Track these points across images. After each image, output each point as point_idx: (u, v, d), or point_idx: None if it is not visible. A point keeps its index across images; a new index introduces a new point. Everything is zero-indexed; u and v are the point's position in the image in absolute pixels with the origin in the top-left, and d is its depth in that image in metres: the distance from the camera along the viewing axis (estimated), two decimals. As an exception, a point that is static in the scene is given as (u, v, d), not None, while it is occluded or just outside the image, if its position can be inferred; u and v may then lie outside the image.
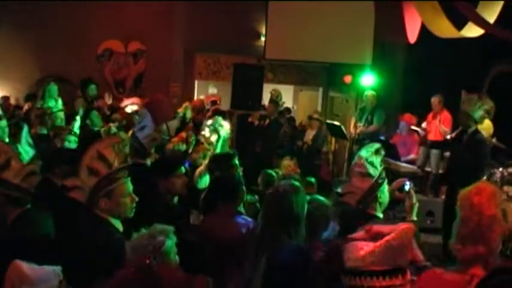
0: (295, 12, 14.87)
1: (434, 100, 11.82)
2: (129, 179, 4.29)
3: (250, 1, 15.62)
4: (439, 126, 11.54)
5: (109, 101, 12.83)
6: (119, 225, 4.21)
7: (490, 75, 8.30)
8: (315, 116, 13.28)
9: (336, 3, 14.36)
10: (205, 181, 6.60)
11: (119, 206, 4.20)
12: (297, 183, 4.41)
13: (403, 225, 2.91)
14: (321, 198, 5.06)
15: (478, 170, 8.09)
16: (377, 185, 4.49)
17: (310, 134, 12.81)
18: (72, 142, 7.70)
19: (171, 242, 3.63)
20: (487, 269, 3.07)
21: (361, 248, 2.86)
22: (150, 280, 3.34)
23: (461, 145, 8.27)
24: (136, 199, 4.30)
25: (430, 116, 11.94)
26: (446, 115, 11.72)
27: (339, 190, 5.05)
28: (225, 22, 15.46)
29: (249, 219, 5.09)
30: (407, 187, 4.57)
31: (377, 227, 3.30)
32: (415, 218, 4.38)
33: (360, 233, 3.35)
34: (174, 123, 10.48)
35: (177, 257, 3.71)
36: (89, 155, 4.14)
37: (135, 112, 10.32)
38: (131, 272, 3.43)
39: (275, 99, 11.96)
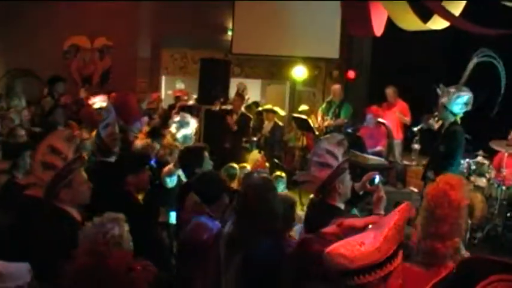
0: (262, 6, 14.83)
1: (389, 91, 11.97)
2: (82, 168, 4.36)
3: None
4: (398, 115, 11.62)
5: (84, 95, 12.72)
6: (77, 215, 4.22)
7: (469, 67, 8.26)
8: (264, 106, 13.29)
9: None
10: (172, 181, 6.60)
11: (79, 194, 4.26)
12: (269, 177, 4.41)
13: (402, 206, 2.86)
14: (288, 193, 5.04)
15: (452, 161, 8.14)
16: (335, 175, 4.48)
17: (268, 126, 12.78)
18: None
19: (121, 230, 3.59)
20: (457, 257, 3.17)
21: (359, 244, 2.71)
22: (100, 268, 3.21)
23: (440, 137, 8.25)
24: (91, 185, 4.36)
25: (384, 106, 12.06)
26: (403, 105, 11.85)
27: (297, 178, 5.03)
28: (191, 17, 15.38)
29: (216, 221, 4.98)
30: (376, 180, 4.58)
31: (348, 221, 3.33)
32: (382, 212, 4.35)
33: (331, 228, 3.37)
34: (146, 120, 10.41)
35: (131, 245, 3.66)
36: (40, 151, 4.15)
37: (101, 109, 10.17)
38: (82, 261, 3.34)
39: (241, 93, 11.89)
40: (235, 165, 7.38)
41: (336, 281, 2.74)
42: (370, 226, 3.20)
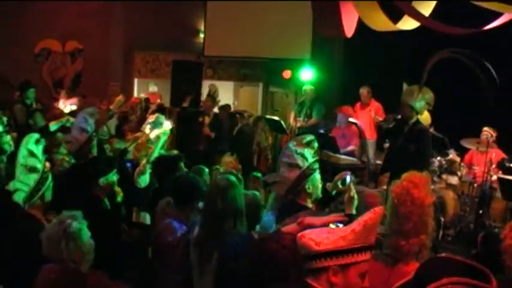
0: (233, 8, 14.78)
1: (363, 91, 11.99)
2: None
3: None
4: (372, 115, 11.64)
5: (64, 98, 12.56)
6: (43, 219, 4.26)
7: (428, 66, 8.28)
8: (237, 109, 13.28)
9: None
10: (144, 180, 6.51)
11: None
12: (233, 177, 4.30)
13: (376, 208, 2.85)
14: (252, 191, 5.03)
15: (423, 160, 8.12)
16: (304, 176, 4.53)
17: (236, 128, 12.68)
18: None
19: (79, 225, 3.63)
20: (424, 254, 3.21)
21: (327, 232, 2.81)
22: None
23: (403, 136, 8.23)
24: None
25: (358, 106, 12.05)
26: (377, 105, 11.86)
27: (267, 179, 5.11)
28: (163, 19, 15.28)
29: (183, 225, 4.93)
30: (348, 180, 4.56)
31: (308, 219, 3.43)
32: (353, 212, 4.24)
33: (291, 226, 3.46)
34: (113, 122, 10.32)
35: (91, 242, 3.70)
36: (21, 154, 4.22)
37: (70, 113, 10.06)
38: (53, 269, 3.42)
39: (212, 94, 11.83)
40: (203, 167, 7.34)
41: (292, 279, 2.82)
42: (332, 226, 3.30)
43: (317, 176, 4.70)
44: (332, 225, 3.48)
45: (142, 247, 5.47)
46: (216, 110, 12.13)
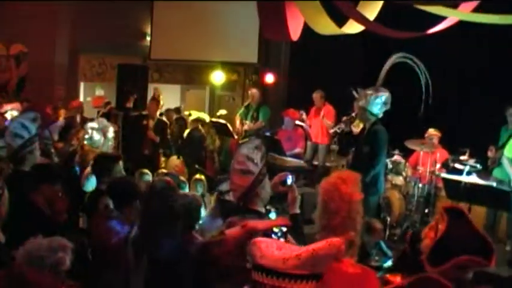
0: (180, 11, 14.62)
1: (316, 95, 11.92)
2: None
3: (135, 0, 15.18)
4: (323, 120, 11.59)
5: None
6: None
7: (385, 68, 8.30)
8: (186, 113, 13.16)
9: (221, 2, 14.17)
10: (91, 183, 6.36)
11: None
12: (171, 179, 4.37)
13: (333, 239, 2.82)
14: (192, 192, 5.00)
15: (377, 160, 8.07)
16: (257, 182, 4.41)
17: (186, 132, 12.52)
18: None
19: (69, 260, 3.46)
20: (354, 251, 3.21)
21: (277, 248, 2.81)
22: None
23: (362, 138, 8.20)
24: None
25: (313, 110, 11.98)
26: (329, 109, 11.81)
27: (221, 188, 5.16)
28: (109, 22, 14.98)
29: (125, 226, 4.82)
30: (289, 181, 4.53)
31: (252, 223, 3.44)
32: (297, 211, 4.33)
33: (235, 229, 3.47)
34: (57, 127, 10.06)
35: None
36: None
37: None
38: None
39: (156, 98, 11.60)
40: (147, 171, 7.20)
41: (234, 283, 2.92)
42: (276, 230, 3.44)
43: (267, 179, 4.58)
44: (276, 229, 3.53)
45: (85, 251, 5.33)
46: (160, 113, 11.91)
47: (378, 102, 7.89)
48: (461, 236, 2.88)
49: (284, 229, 3.55)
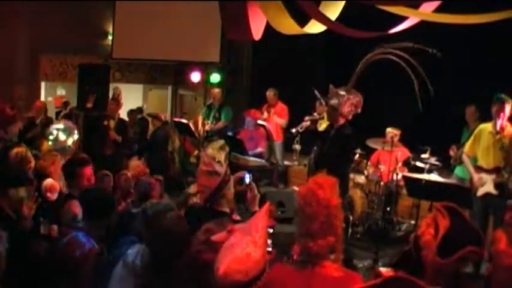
0: (142, 10, 14.39)
1: (270, 93, 11.93)
2: None
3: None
4: (275, 118, 11.58)
5: None
6: None
7: (358, 69, 8.28)
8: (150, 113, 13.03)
9: (183, 1, 14.00)
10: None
11: None
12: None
13: (264, 208, 3.00)
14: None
15: (344, 162, 8.23)
16: (224, 183, 4.47)
17: (149, 132, 12.44)
18: None
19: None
20: (337, 256, 3.17)
21: (247, 256, 2.84)
22: None
23: (329, 138, 8.21)
24: None
25: (264, 108, 11.96)
26: (281, 107, 11.80)
27: (189, 191, 4.92)
28: (70, 21, 14.67)
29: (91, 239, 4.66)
30: (247, 180, 4.60)
31: (238, 227, 3.32)
32: (257, 209, 4.37)
33: (221, 235, 3.36)
34: (16, 128, 9.78)
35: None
36: None
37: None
38: None
39: (116, 97, 11.36)
40: (108, 172, 7.00)
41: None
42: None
43: (231, 180, 4.65)
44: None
45: (48, 260, 5.11)
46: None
47: (350, 104, 7.89)
48: (463, 230, 2.88)
49: (271, 230, 3.47)
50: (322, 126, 8.99)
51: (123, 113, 12.69)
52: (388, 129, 9.90)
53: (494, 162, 7.59)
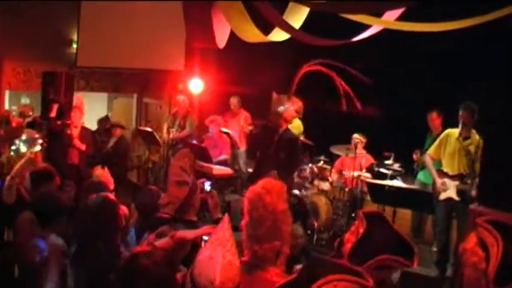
0: (107, 19, 14.20)
1: (233, 100, 11.91)
2: None
3: (62, 0, 14.63)
4: (243, 125, 11.54)
5: None
6: None
7: (297, 76, 8.33)
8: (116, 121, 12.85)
9: (148, 10, 13.83)
10: (12, 196, 5.94)
11: None
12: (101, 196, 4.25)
13: (225, 220, 3.00)
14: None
15: (291, 167, 8.35)
16: (193, 192, 4.54)
17: (112, 141, 12.20)
18: None
19: None
20: (282, 260, 3.20)
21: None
22: None
23: (274, 144, 8.17)
24: None
25: (228, 116, 11.89)
26: (246, 114, 11.78)
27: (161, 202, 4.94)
28: (35, 29, 14.36)
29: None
30: (207, 187, 4.51)
31: (181, 233, 3.45)
32: (220, 215, 4.37)
33: (164, 240, 3.44)
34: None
35: None
36: None
37: None
38: None
39: (79, 106, 11.16)
40: (71, 182, 6.90)
41: None
42: (206, 238, 3.43)
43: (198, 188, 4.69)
44: (205, 237, 3.58)
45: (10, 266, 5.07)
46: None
47: (292, 110, 7.98)
48: (380, 237, 2.84)
49: None
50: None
51: (91, 122, 12.56)
52: (355, 135, 9.91)
53: (459, 168, 7.65)
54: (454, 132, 7.75)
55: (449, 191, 7.64)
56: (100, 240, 3.96)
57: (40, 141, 7.71)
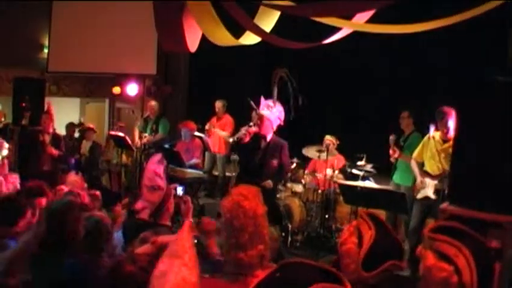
0: (78, 23, 14.01)
1: (219, 104, 11.78)
2: None
3: (33, 1, 14.41)
4: (217, 131, 11.44)
5: None
6: None
7: (275, 81, 8.29)
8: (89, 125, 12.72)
9: (119, 14, 13.70)
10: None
11: None
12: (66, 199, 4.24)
13: (185, 227, 2.93)
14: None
15: (283, 172, 8.43)
16: (167, 197, 4.51)
17: (86, 145, 12.10)
18: None
19: None
20: (266, 264, 3.13)
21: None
22: None
23: (262, 149, 8.17)
24: None
25: (214, 120, 11.78)
26: (227, 118, 11.67)
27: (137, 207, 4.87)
28: (5, 34, 14.14)
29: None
30: (179, 192, 4.64)
31: (162, 239, 3.31)
32: (191, 219, 4.36)
33: (145, 247, 3.33)
34: None
35: None
36: None
37: None
38: None
39: (49, 111, 10.98)
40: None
41: None
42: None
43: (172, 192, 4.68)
44: None
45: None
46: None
47: (277, 115, 7.93)
48: (386, 242, 2.80)
49: (195, 241, 3.44)
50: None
51: (64, 127, 12.41)
52: (327, 137, 9.88)
53: (439, 169, 7.73)
54: (435, 135, 7.86)
55: (427, 189, 7.72)
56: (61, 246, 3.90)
57: (7, 145, 7.57)
